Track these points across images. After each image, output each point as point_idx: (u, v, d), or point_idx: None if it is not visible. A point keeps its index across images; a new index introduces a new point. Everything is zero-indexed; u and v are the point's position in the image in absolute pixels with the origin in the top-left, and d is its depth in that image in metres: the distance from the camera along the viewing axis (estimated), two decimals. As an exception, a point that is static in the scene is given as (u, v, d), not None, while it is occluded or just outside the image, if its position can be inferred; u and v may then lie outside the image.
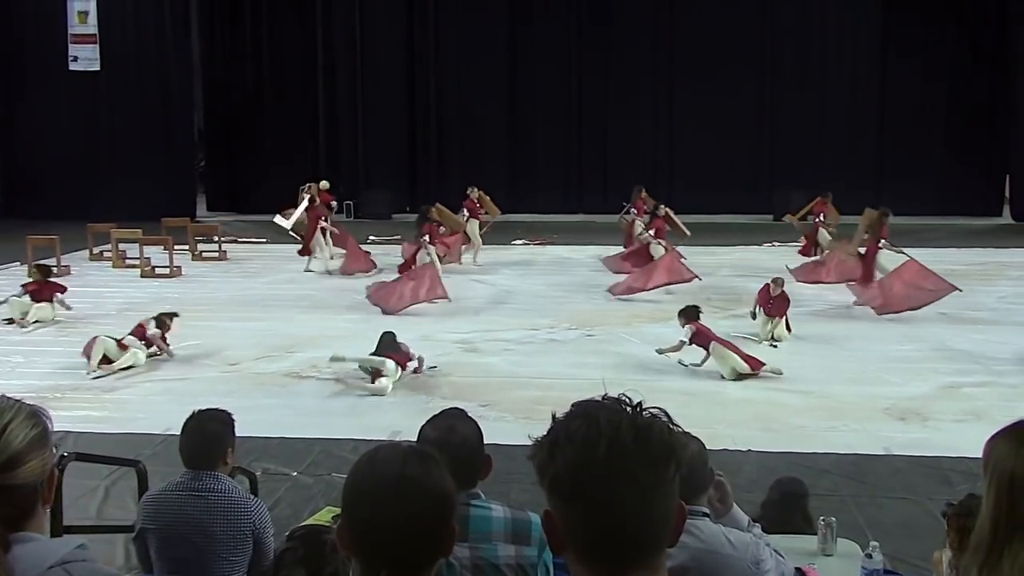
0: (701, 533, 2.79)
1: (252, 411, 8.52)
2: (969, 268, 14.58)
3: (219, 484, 3.65)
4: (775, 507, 4.86)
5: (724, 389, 9.53)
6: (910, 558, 5.59)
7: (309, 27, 22.99)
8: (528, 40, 22.72)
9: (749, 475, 6.88)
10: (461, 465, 2.63)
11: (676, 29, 22.23)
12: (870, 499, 6.89)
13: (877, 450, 7.86)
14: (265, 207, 22.03)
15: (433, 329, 11.90)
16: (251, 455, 7.37)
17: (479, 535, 2.63)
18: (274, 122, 22.96)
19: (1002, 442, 1.40)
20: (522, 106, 22.94)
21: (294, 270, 16.14)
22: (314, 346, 11.09)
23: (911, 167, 21.10)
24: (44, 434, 1.75)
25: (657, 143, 22.59)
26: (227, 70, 23.29)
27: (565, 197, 22.57)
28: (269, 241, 19.20)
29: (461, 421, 2.81)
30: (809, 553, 4.07)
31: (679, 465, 1.37)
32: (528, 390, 9.19)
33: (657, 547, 1.38)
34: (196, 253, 17.36)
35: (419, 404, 8.64)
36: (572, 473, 1.34)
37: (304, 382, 9.93)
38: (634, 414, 1.37)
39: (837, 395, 9.32)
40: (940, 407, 8.85)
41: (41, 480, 1.75)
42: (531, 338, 11.58)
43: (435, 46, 22.98)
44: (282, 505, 6.70)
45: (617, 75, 22.50)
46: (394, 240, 19.25)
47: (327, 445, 7.78)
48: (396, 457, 1.64)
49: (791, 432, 8.33)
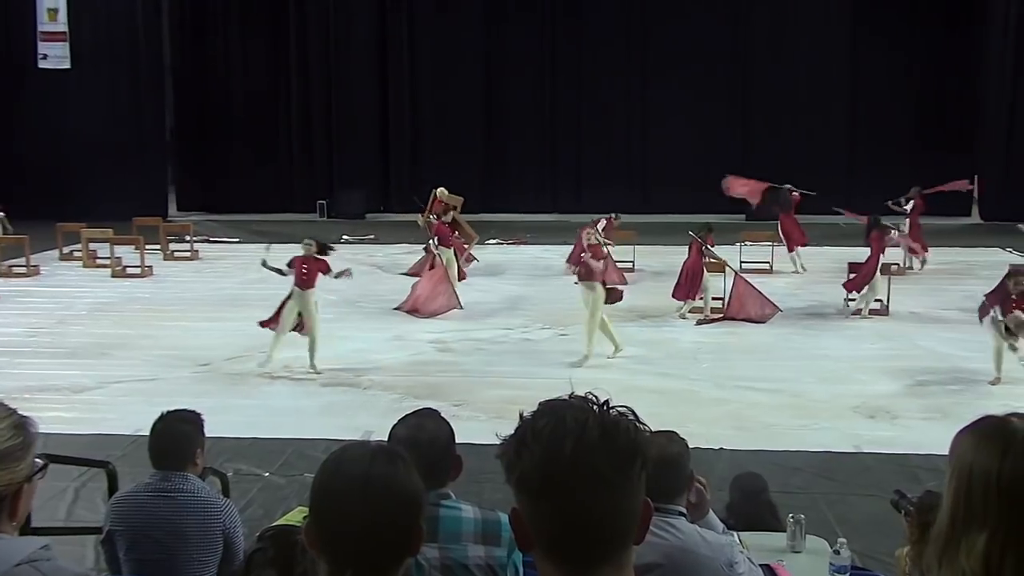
0: (677, 532, 2.83)
1: (224, 411, 8.48)
2: (939, 267, 14.75)
3: (189, 485, 3.63)
4: (739, 506, 4.90)
5: (696, 388, 9.58)
6: (879, 554, 5.63)
7: (282, 26, 22.89)
8: (502, 40, 22.75)
9: (721, 473, 6.89)
10: (431, 464, 2.63)
11: (649, 29, 22.32)
12: (840, 496, 6.95)
13: (847, 448, 7.93)
14: (237, 206, 21.98)
15: (406, 329, 11.91)
16: (223, 456, 7.34)
17: (449, 535, 2.63)
18: (246, 121, 22.85)
19: (964, 438, 1.42)
20: (496, 106, 22.96)
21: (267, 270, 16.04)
22: (286, 347, 11.03)
23: (881, 168, 21.27)
24: (21, 447, 1.73)
25: (630, 143, 22.67)
26: (199, 68, 23.15)
27: (539, 197, 22.61)
28: (242, 240, 19.12)
29: (431, 420, 2.80)
30: (778, 550, 4.10)
31: (645, 463, 1.38)
32: (501, 389, 9.19)
33: (624, 544, 1.38)
34: (168, 253, 17.26)
35: (392, 404, 8.64)
36: (539, 471, 1.34)
37: (277, 382, 9.89)
38: (600, 412, 1.38)
39: (808, 394, 9.39)
40: (909, 405, 8.94)
41: (6, 494, 1.72)
42: (504, 338, 11.60)
43: (409, 45, 22.94)
44: (254, 506, 6.67)
45: (590, 75, 22.57)
46: (367, 240, 19.23)
47: (300, 445, 7.75)
48: (364, 456, 1.64)
49: (763, 431, 8.38)
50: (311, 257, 10.13)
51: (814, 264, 15.72)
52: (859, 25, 21.90)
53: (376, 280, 15.37)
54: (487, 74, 22.87)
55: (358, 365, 10.37)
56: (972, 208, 21.86)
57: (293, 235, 19.51)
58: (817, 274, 15.26)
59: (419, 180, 23.08)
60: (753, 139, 22.25)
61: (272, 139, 23.14)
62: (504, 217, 20.50)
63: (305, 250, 10.25)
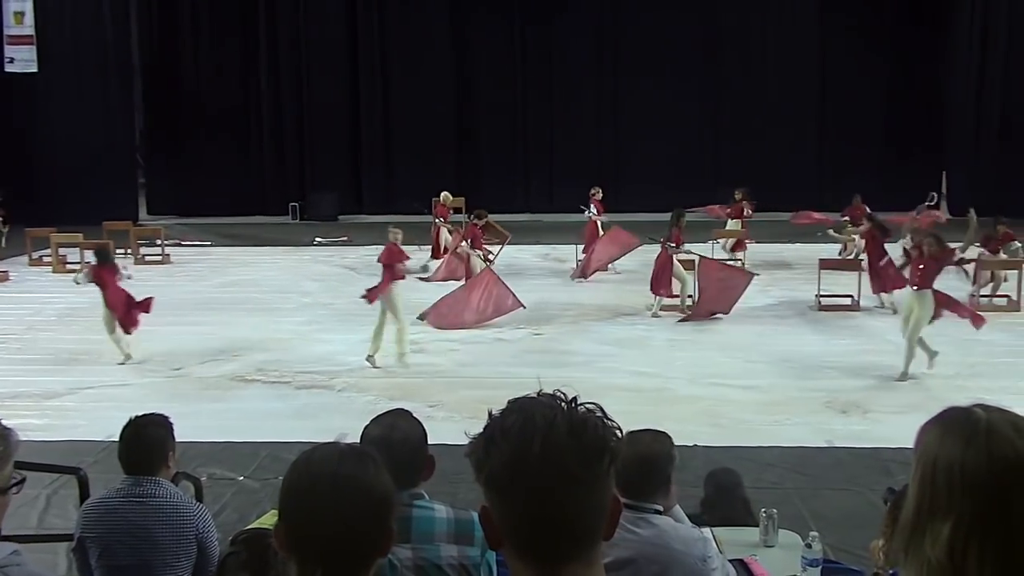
0: (653, 528, 2.87)
1: (197, 416, 8.44)
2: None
3: (160, 490, 3.61)
4: (713, 501, 4.93)
5: (671, 385, 9.63)
6: (852, 548, 5.67)
7: (251, 27, 22.77)
8: (473, 41, 22.74)
9: (696, 470, 6.91)
10: (403, 464, 2.63)
11: (620, 29, 22.38)
12: (813, 491, 7.00)
13: (820, 443, 8.01)
14: (208, 210, 21.83)
15: (380, 330, 11.85)
16: (196, 460, 7.29)
17: (421, 536, 2.63)
18: (217, 124, 22.67)
19: (929, 429, 1.44)
20: (467, 106, 22.95)
21: (238, 273, 16.00)
22: (260, 349, 11.01)
23: (850, 165, 21.44)
24: (2, 456, 1.71)
25: (602, 142, 22.73)
26: (168, 71, 22.97)
27: (512, 197, 22.59)
28: (213, 244, 19.02)
29: (404, 420, 2.80)
30: (751, 545, 4.14)
31: (613, 459, 1.38)
32: (476, 390, 9.19)
33: (593, 540, 1.39)
34: (139, 257, 17.11)
35: (366, 406, 8.61)
36: (508, 468, 1.35)
37: (250, 386, 9.85)
38: (569, 410, 1.39)
39: (781, 389, 9.47)
40: (879, 399, 9.03)
41: None
42: (479, 338, 11.60)
43: (379, 47, 22.89)
44: (228, 510, 6.64)
45: (562, 75, 22.61)
46: (340, 241, 19.17)
47: (273, 449, 7.71)
48: (333, 457, 1.63)
49: (736, 427, 8.44)
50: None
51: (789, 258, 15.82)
52: (828, 25, 22.06)
53: (349, 282, 15.31)
54: (458, 75, 22.86)
55: (332, 367, 10.35)
56: (940, 204, 22.06)
57: (265, 238, 19.57)
58: (789, 271, 15.37)
59: (391, 181, 23.09)
60: (724, 138, 22.37)
61: (243, 142, 23.00)
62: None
63: (392, 237, 10.58)
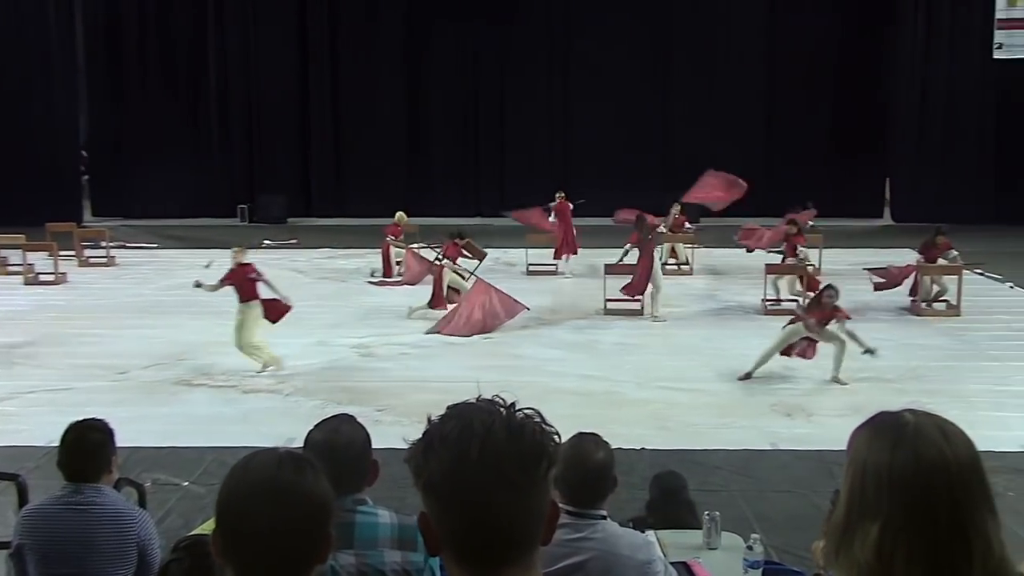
0: (601, 533, 2.93)
1: (141, 420, 8.34)
2: (852, 268, 15.08)
3: (101, 497, 3.55)
4: (658, 504, 4.98)
5: (619, 389, 9.68)
6: (796, 549, 5.75)
7: (199, 27, 22.53)
8: (424, 43, 22.71)
9: (643, 473, 6.98)
10: (347, 469, 2.62)
11: (572, 34, 22.50)
12: (758, 493, 7.09)
13: (764, 445, 8.10)
14: (154, 211, 21.55)
15: (329, 335, 11.80)
16: (140, 466, 7.21)
17: (365, 541, 2.62)
18: (163, 124, 22.40)
19: (860, 433, 1.47)
20: (418, 109, 22.92)
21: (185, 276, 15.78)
22: (206, 353, 10.88)
23: (796, 171, 21.77)
24: None
25: (553, 147, 22.83)
26: (114, 71, 22.64)
27: (463, 200, 22.60)
28: (160, 246, 18.77)
29: (348, 425, 2.79)
30: (695, 547, 4.18)
31: (551, 464, 1.39)
32: (425, 394, 9.15)
33: (531, 545, 1.40)
34: (82, 259, 16.83)
35: (313, 410, 8.54)
36: (446, 474, 1.35)
37: (196, 390, 9.73)
38: (507, 415, 1.39)
39: (727, 393, 9.57)
40: (823, 402, 9.16)
41: None
42: (428, 342, 11.57)
43: (330, 47, 22.78)
44: (173, 516, 6.55)
45: (512, 80, 22.68)
46: (290, 244, 19.02)
47: (219, 454, 7.62)
48: (270, 463, 1.62)
49: (683, 430, 8.51)
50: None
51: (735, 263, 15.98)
52: (776, 33, 22.38)
53: (298, 285, 15.19)
54: (409, 77, 22.82)
55: (279, 371, 10.24)
56: (884, 210, 22.48)
57: (212, 240, 19.34)
58: (735, 276, 15.52)
59: (341, 184, 22.97)
60: (673, 142, 22.57)
61: (191, 143, 22.75)
62: (427, 221, 20.37)
63: (236, 256, 10.41)
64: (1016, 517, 6.36)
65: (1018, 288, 14.57)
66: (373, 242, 16.37)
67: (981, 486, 1.37)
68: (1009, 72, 21.00)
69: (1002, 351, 11.05)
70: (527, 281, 15.25)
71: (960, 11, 21.67)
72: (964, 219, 19.75)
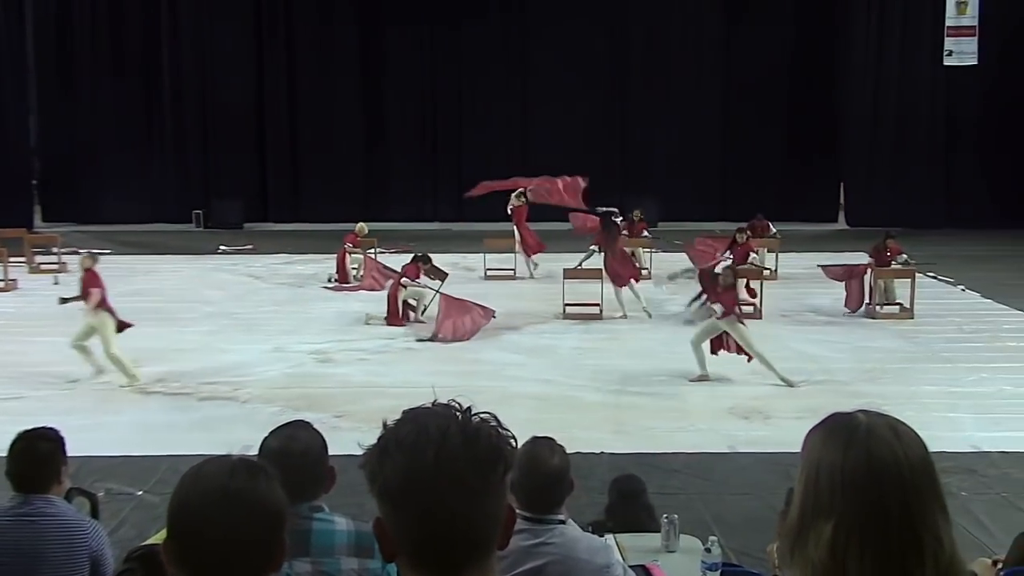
0: (559, 538, 2.95)
1: (94, 429, 8.22)
2: (807, 271, 15.26)
3: (51, 507, 3.48)
4: (617, 508, 4.99)
5: (577, 393, 9.70)
6: (754, 551, 5.79)
7: (152, 31, 22.28)
8: (380, 48, 22.65)
9: (602, 476, 7.00)
10: (303, 476, 2.60)
11: (528, 40, 22.56)
12: (716, 496, 7.14)
13: (723, 448, 8.16)
14: (107, 217, 21.26)
15: (286, 340, 11.70)
16: (93, 475, 7.10)
17: (321, 549, 2.60)
18: (116, 128, 22.10)
19: (814, 434, 1.49)
20: (375, 113, 22.83)
21: (139, 282, 15.60)
22: (161, 360, 10.75)
23: (752, 176, 22.02)
24: None
25: (511, 152, 22.83)
26: (65, 74, 22.31)
27: (421, 205, 22.56)
28: (113, 252, 18.50)
29: (304, 431, 2.77)
30: (653, 550, 4.20)
31: (507, 468, 1.39)
32: (384, 399, 9.10)
33: (487, 549, 1.39)
34: (33, 265, 16.55)
35: (271, 417, 8.45)
36: (401, 479, 1.34)
37: (150, 398, 9.60)
38: (463, 419, 1.39)
39: (685, 396, 9.62)
40: (780, 405, 9.23)
41: None
42: (387, 347, 11.53)
43: (286, 51, 22.63)
44: (127, 526, 6.46)
45: (469, 84, 22.69)
46: (246, 250, 18.86)
47: (174, 462, 7.49)
48: (223, 470, 1.60)
49: (642, 434, 8.54)
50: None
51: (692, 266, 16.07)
52: (731, 35, 22.59)
53: (255, 291, 15.09)
54: (366, 81, 22.73)
55: (236, 378, 10.15)
56: (839, 214, 22.77)
57: (167, 246, 19.13)
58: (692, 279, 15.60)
59: (298, 189, 22.81)
60: (631, 147, 22.72)
61: (145, 147, 22.46)
62: (385, 226, 20.31)
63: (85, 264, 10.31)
64: (968, 517, 6.47)
65: (970, 291, 14.82)
66: (330, 247, 16.27)
67: (932, 485, 1.39)
68: (958, 79, 21.38)
69: (954, 353, 11.23)
70: (486, 285, 15.25)
71: (911, 19, 22.02)
72: (916, 223, 20.09)
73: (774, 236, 16.49)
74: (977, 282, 15.23)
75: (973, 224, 20.74)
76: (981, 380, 10.08)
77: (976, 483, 7.26)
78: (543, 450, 3.06)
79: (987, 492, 7.12)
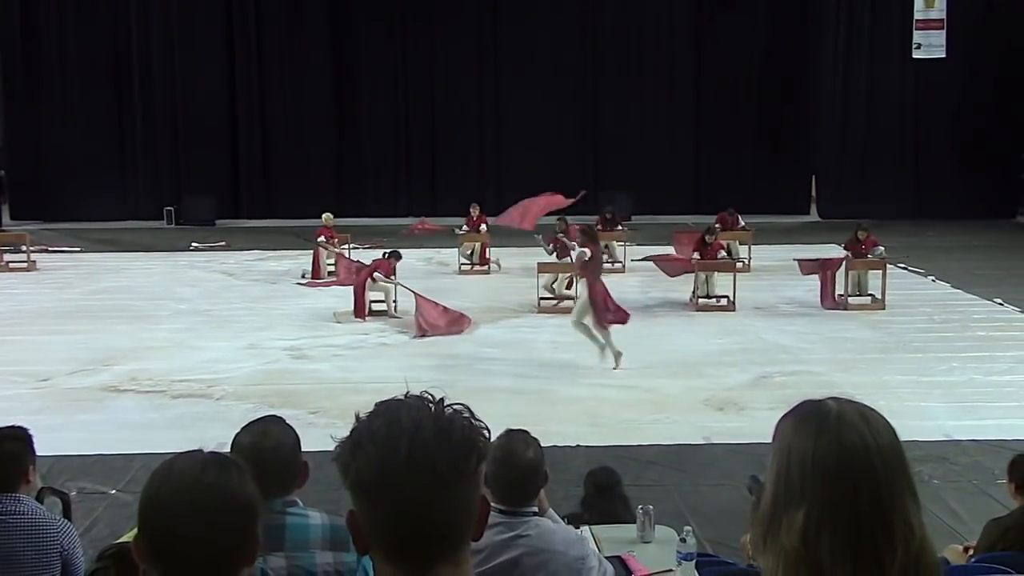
0: (534, 530, 2.94)
1: (66, 428, 8.16)
2: (780, 264, 15.37)
3: (20, 507, 3.45)
4: (593, 500, 5.01)
5: (552, 387, 9.71)
6: (729, 541, 5.82)
7: (122, 22, 22.05)
8: (352, 44, 22.56)
9: (578, 469, 7.01)
10: (276, 472, 2.58)
11: (500, 36, 22.54)
12: (692, 487, 7.17)
13: (698, 440, 8.20)
14: (77, 214, 21.05)
15: (259, 337, 11.65)
16: (65, 474, 7.05)
17: (295, 543, 2.59)
18: (85, 124, 21.86)
19: (785, 422, 1.50)
20: (348, 109, 22.75)
21: (110, 280, 15.48)
22: (133, 358, 10.67)
23: (724, 168, 22.13)
24: None
25: (484, 147, 22.85)
26: (31, 66, 22.03)
27: (394, 201, 22.51)
28: (83, 250, 18.34)
29: (276, 426, 2.75)
30: (629, 541, 4.21)
31: (480, 459, 1.39)
32: (359, 395, 9.04)
33: (461, 540, 1.39)
34: (2, 264, 16.38)
35: (245, 414, 8.40)
36: (374, 471, 1.34)
37: (123, 396, 9.51)
38: (436, 411, 1.38)
39: (660, 388, 9.65)
40: (755, 396, 9.28)
41: None
42: (361, 343, 11.49)
43: (256, 45, 22.48)
44: (100, 525, 6.41)
45: (443, 80, 22.64)
46: (219, 247, 18.74)
47: (148, 460, 7.43)
48: (194, 465, 1.59)
49: (617, 426, 8.56)
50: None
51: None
52: (703, 28, 22.69)
53: (228, 288, 15.00)
54: (338, 77, 22.64)
55: (209, 375, 10.08)
56: (811, 207, 22.92)
57: (138, 243, 18.99)
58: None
59: (271, 185, 22.69)
60: (603, 143, 22.76)
61: (114, 143, 22.27)
62: (358, 221, 20.27)
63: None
64: (940, 504, 6.54)
65: (940, 281, 14.97)
66: (304, 243, 16.20)
67: (902, 471, 1.40)
68: (927, 72, 21.57)
69: (925, 343, 11.34)
70: (460, 280, 15.24)
71: (880, 12, 22.20)
72: (887, 215, 20.25)
73: (744, 229, 16.57)
74: (947, 272, 15.39)
75: (943, 215, 20.96)
76: (952, 369, 10.18)
77: (948, 471, 7.34)
78: (518, 443, 3.06)
79: (958, 480, 7.20)
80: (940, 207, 21.33)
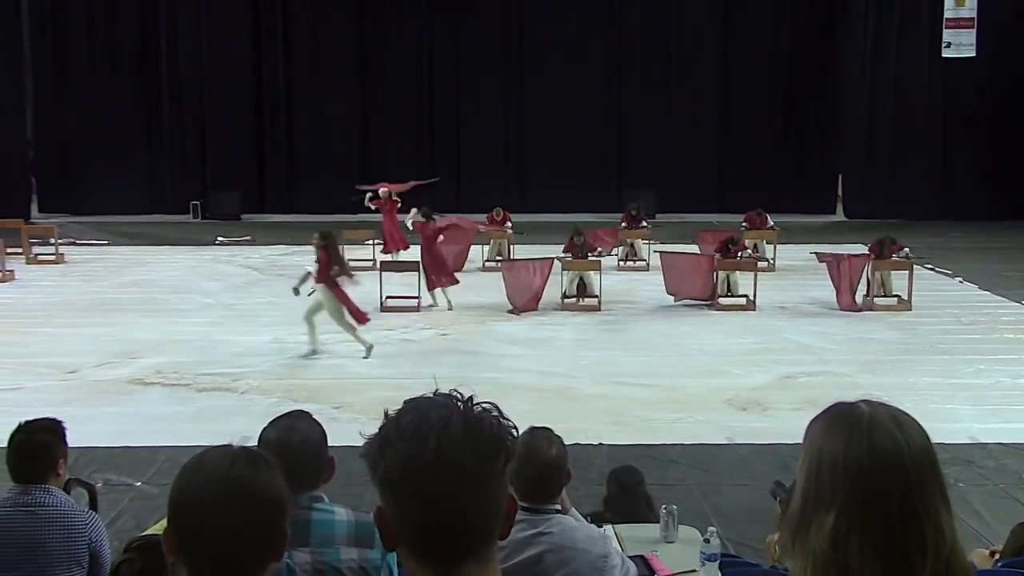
0: (556, 527, 2.94)
1: (93, 420, 8.22)
2: (805, 263, 15.27)
3: (50, 498, 3.49)
4: (616, 499, 5.00)
5: (576, 385, 9.70)
6: (752, 542, 5.80)
7: (150, 18, 22.18)
8: (378, 38, 22.60)
9: (601, 468, 7.01)
10: (302, 466, 2.59)
11: (524, 29, 22.49)
12: (715, 487, 7.15)
13: (720, 439, 8.17)
14: (105, 208, 21.22)
15: (284, 332, 11.69)
16: (92, 466, 7.11)
17: (321, 539, 2.60)
18: (113, 119, 22.04)
19: (816, 424, 1.49)
20: (373, 104, 22.80)
21: (137, 273, 15.60)
22: (159, 351, 10.75)
23: (751, 168, 22.01)
24: None
25: (508, 142, 22.83)
26: (61, 64, 22.23)
27: (418, 195, 22.49)
28: (110, 243, 18.49)
29: (303, 421, 2.76)
30: (652, 541, 4.20)
31: (508, 457, 1.39)
32: (382, 391, 9.12)
33: (489, 538, 1.39)
34: (31, 256, 16.52)
35: (269, 408, 8.46)
36: (402, 468, 1.34)
37: (149, 388, 9.60)
38: (464, 409, 1.38)
39: (683, 388, 9.62)
40: (778, 396, 9.24)
41: None
42: (385, 339, 11.51)
43: (283, 42, 22.55)
44: (125, 516, 6.47)
45: (467, 74, 22.64)
46: (244, 241, 18.84)
47: (172, 453, 7.50)
48: (224, 459, 1.60)
49: (640, 425, 8.55)
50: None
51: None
52: (730, 26, 22.54)
53: (253, 282, 15.08)
54: (363, 72, 22.68)
55: (234, 369, 10.15)
56: (837, 206, 22.76)
57: (164, 237, 19.11)
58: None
59: (296, 180, 22.77)
60: (628, 139, 22.69)
61: (142, 138, 22.40)
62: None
63: None
64: (966, 508, 6.48)
65: (967, 283, 14.83)
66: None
67: (934, 475, 1.39)
68: (956, 71, 21.35)
69: (952, 344, 11.25)
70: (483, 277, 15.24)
71: (909, 10, 21.98)
72: (913, 215, 20.09)
73: (771, 228, 16.50)
74: (974, 274, 15.25)
75: (970, 216, 20.73)
76: (979, 372, 10.10)
77: (974, 474, 7.28)
78: (541, 440, 3.07)
79: (984, 483, 7.14)
80: (967, 208, 21.09)
